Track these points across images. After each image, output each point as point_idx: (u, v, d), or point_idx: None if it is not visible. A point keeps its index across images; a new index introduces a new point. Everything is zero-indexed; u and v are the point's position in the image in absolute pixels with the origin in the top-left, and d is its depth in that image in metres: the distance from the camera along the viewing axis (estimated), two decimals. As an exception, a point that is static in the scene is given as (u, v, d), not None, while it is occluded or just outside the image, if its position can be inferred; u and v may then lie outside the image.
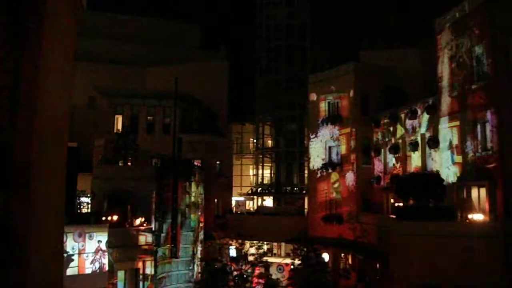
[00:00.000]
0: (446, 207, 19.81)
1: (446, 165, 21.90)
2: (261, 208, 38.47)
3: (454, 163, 21.39)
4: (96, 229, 20.56)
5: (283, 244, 34.47)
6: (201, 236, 30.57)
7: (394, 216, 21.37)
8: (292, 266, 29.05)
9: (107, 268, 20.55)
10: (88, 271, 19.87)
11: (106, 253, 20.45)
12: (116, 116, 36.09)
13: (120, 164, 28.43)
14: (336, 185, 30.65)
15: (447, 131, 22.28)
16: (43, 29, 3.13)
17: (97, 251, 20.16)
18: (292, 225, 33.18)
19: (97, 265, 20.14)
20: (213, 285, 26.10)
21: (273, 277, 29.60)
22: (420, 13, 35.53)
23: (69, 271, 18.96)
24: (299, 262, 28.05)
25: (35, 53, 3.09)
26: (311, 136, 32.69)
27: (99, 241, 20.30)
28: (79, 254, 19.59)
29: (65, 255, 17.75)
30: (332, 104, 31.47)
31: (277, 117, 40.19)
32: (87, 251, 19.88)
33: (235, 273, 26.64)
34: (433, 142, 23.51)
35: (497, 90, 18.94)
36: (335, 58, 35.22)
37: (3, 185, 2.95)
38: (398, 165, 27.16)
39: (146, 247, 23.49)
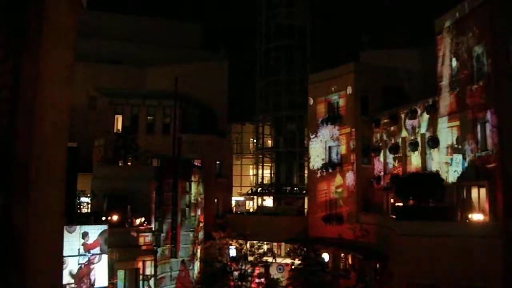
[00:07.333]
0: (446, 207, 19.82)
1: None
2: (261, 208, 38.45)
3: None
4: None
5: (283, 244, 34.46)
6: (201, 236, 30.58)
7: (394, 216, 21.37)
8: (292, 266, 29.08)
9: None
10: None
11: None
12: (116, 116, 36.07)
13: (120, 164, 28.42)
14: (336, 185, 30.64)
15: (447, 131, 22.27)
16: (43, 30, 3.13)
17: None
18: (292, 225, 33.16)
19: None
20: (213, 285, 26.12)
21: (273, 277, 29.62)
22: (420, 13, 35.54)
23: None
24: (299, 262, 28.08)
25: (35, 53, 3.09)
26: (311, 136, 32.67)
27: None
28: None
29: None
30: (332, 104, 31.47)
31: (277, 117, 40.18)
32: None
33: (235, 273, 26.67)
34: (433, 142, 23.50)
35: (497, 90, 18.92)
36: (335, 58, 35.22)
37: (3, 185, 2.95)
38: (398, 165, 27.16)
39: (145, 247, 23.49)
